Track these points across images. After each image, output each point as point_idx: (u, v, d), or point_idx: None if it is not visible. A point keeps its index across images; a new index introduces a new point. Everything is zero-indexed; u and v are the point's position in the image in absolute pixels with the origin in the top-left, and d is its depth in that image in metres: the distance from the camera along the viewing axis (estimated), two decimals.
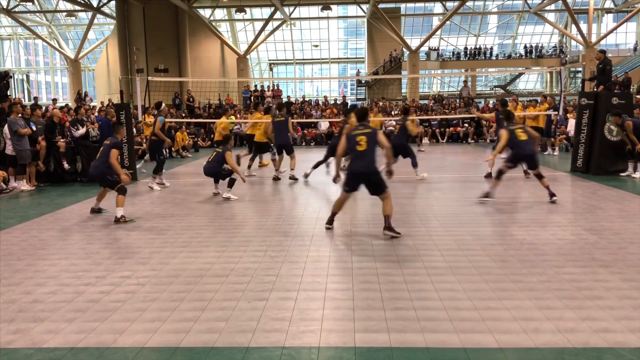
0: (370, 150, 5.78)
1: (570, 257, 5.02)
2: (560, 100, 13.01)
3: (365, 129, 5.90)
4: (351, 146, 5.86)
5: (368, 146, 5.75)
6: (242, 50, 32.92)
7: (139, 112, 13.67)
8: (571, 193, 8.75)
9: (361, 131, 5.86)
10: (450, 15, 31.66)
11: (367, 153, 5.75)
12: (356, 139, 5.80)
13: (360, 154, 5.76)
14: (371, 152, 5.78)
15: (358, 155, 5.78)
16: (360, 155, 5.76)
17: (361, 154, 5.75)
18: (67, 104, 24.15)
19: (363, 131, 5.85)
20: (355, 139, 5.82)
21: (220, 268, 4.86)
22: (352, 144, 5.84)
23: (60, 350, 3.25)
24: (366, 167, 5.76)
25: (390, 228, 5.85)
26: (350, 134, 5.93)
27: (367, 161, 5.76)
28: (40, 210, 7.92)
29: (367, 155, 5.76)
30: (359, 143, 5.76)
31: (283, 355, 3.14)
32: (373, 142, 5.80)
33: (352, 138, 5.85)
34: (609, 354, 3.09)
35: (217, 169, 8.55)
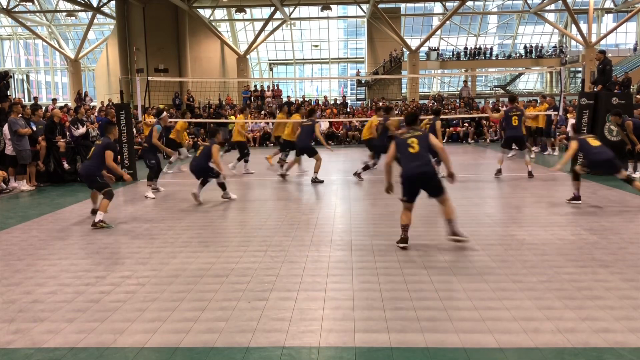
0: (424, 152, 5.47)
1: (570, 257, 5.02)
2: (560, 100, 13.01)
3: (415, 131, 5.63)
4: (402, 150, 5.51)
5: (420, 148, 5.45)
6: (242, 50, 32.92)
7: (139, 112, 13.67)
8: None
9: (412, 134, 5.56)
10: (450, 15, 31.67)
11: (420, 154, 5.44)
12: (407, 142, 5.49)
13: (413, 156, 5.42)
14: (425, 153, 5.47)
15: (411, 157, 5.43)
16: (414, 157, 5.42)
17: (414, 156, 5.42)
18: (66, 103, 24.15)
19: (414, 134, 5.56)
20: (406, 142, 5.51)
21: (220, 268, 4.86)
22: (403, 148, 5.50)
23: (60, 350, 3.25)
24: (422, 168, 5.38)
25: (456, 233, 5.41)
26: (399, 139, 5.60)
27: (422, 162, 5.41)
28: (40, 210, 7.92)
29: (422, 157, 5.43)
30: (411, 146, 5.46)
31: (283, 355, 3.14)
32: (425, 144, 5.50)
33: (402, 142, 5.53)
34: (609, 354, 3.09)
35: (204, 166, 8.21)
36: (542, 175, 10.75)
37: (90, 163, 7.04)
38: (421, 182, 5.46)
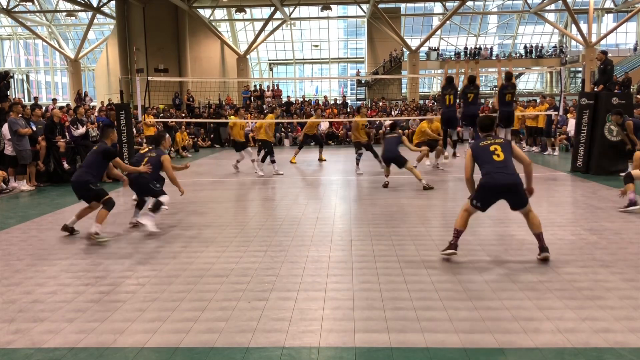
0: (509, 161, 5.04)
1: (570, 257, 5.02)
2: (561, 100, 13.01)
3: (495, 138, 5.20)
4: (485, 158, 5.03)
5: (505, 156, 5.02)
6: (242, 50, 32.92)
7: (139, 112, 13.67)
8: (571, 193, 8.75)
9: (492, 141, 5.13)
10: (450, 15, 31.67)
11: (507, 163, 4.99)
12: (489, 149, 5.05)
13: (499, 165, 4.96)
14: (510, 162, 5.04)
15: (497, 166, 4.96)
16: (500, 166, 4.96)
17: (501, 164, 4.96)
18: (67, 103, 24.15)
19: (495, 141, 5.13)
20: (488, 149, 5.06)
21: (220, 268, 4.86)
22: (485, 156, 5.04)
23: (60, 350, 3.25)
24: (510, 179, 4.93)
25: (546, 248, 4.94)
26: (477, 146, 5.16)
27: (509, 172, 4.95)
28: (40, 210, 7.91)
29: (508, 166, 4.98)
30: (495, 153, 5.01)
31: (283, 355, 3.14)
32: (509, 152, 5.07)
33: (483, 150, 5.09)
34: (609, 354, 3.09)
35: (147, 180, 6.50)
36: (542, 175, 10.75)
37: (83, 171, 6.17)
38: (504, 192, 5.03)
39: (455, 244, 5.03)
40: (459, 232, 5.07)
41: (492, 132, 5.32)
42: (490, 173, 4.98)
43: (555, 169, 11.73)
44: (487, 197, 5.07)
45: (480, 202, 5.08)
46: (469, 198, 5.18)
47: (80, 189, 6.12)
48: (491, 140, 5.14)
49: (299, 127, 21.76)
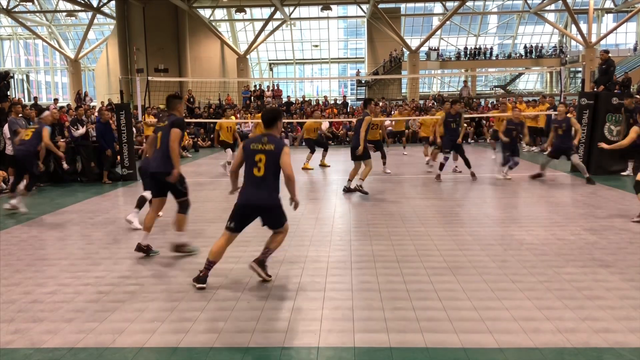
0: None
1: (570, 257, 5.01)
2: (560, 101, 12.99)
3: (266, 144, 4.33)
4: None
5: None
6: (242, 50, 32.92)
7: (139, 112, 13.67)
8: (571, 193, 8.75)
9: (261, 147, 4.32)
10: (450, 15, 31.67)
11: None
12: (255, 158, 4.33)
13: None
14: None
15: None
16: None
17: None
18: (68, 103, 24.14)
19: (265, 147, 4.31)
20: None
21: (220, 268, 4.85)
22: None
23: (59, 351, 3.25)
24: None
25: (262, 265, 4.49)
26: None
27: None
28: (40, 210, 7.91)
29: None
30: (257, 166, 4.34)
31: (282, 355, 3.14)
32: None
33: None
34: (609, 354, 3.09)
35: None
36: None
37: (162, 153, 5.14)
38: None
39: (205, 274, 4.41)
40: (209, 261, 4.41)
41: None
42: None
43: (555, 169, 11.72)
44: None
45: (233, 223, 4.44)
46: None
47: (159, 178, 5.18)
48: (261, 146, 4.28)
49: (298, 127, 21.75)
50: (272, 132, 4.40)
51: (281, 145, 4.32)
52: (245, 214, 4.44)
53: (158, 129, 5.28)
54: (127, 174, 11.18)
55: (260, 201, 4.36)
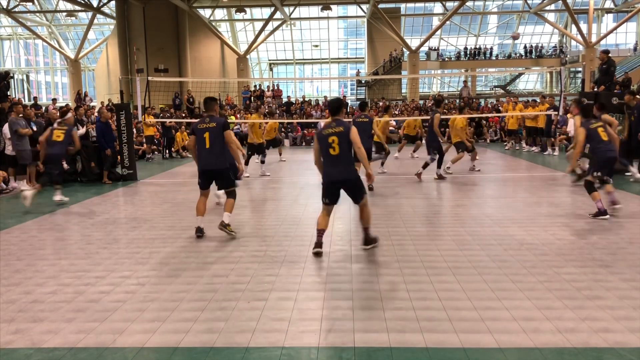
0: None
1: (570, 257, 5.02)
2: (560, 100, 13.01)
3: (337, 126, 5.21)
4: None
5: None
6: (242, 50, 32.92)
7: (139, 112, 13.67)
8: (571, 193, 8.75)
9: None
10: (450, 15, 31.66)
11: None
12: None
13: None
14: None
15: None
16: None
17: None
18: (67, 104, 24.16)
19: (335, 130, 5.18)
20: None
21: (220, 268, 4.86)
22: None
23: (59, 350, 3.25)
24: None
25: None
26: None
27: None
28: (40, 210, 7.91)
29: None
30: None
31: (282, 355, 3.14)
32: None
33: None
34: (609, 354, 3.09)
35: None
36: (542, 175, 10.75)
37: (218, 151, 5.86)
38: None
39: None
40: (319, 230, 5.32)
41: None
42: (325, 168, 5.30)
43: (555, 169, 11.73)
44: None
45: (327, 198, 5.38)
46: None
47: (219, 173, 5.96)
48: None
49: (298, 127, 21.76)
50: (339, 117, 5.27)
51: (348, 126, 5.16)
52: (332, 189, 5.31)
53: (204, 130, 5.88)
54: (127, 174, 11.18)
55: (341, 175, 5.19)
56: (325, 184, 5.31)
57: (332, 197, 5.31)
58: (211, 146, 5.85)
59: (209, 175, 6.04)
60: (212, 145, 5.85)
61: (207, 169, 5.97)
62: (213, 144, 5.85)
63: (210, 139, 5.85)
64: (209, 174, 6.03)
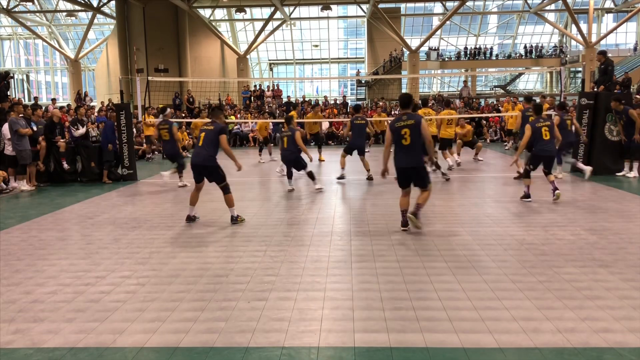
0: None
1: (570, 257, 5.02)
2: (560, 101, 12.99)
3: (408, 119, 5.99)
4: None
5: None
6: (242, 50, 32.91)
7: (139, 112, 13.67)
8: (571, 193, 8.75)
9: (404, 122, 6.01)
10: (450, 15, 31.66)
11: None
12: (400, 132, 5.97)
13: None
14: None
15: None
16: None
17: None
18: (68, 103, 24.16)
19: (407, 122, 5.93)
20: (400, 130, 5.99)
21: (220, 268, 4.86)
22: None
23: (59, 350, 3.25)
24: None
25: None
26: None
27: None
28: (40, 210, 7.91)
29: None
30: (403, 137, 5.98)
31: (282, 355, 3.14)
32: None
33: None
34: (609, 354, 3.09)
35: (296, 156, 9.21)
36: (542, 175, 10.73)
37: (207, 151, 6.50)
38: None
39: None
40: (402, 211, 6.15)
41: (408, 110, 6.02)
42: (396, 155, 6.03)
43: (555, 169, 11.72)
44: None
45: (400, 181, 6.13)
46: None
47: (206, 169, 6.61)
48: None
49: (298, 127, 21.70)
50: (409, 110, 5.94)
51: (419, 120, 5.82)
52: (404, 175, 5.98)
53: (201, 130, 6.69)
54: (127, 174, 11.18)
55: (412, 163, 5.86)
56: (398, 170, 6.00)
57: (405, 182, 6.04)
58: (203, 145, 6.51)
59: (198, 169, 6.63)
60: (204, 144, 6.51)
61: (195, 163, 6.60)
62: (205, 143, 6.52)
63: (204, 139, 6.54)
64: (198, 169, 6.62)
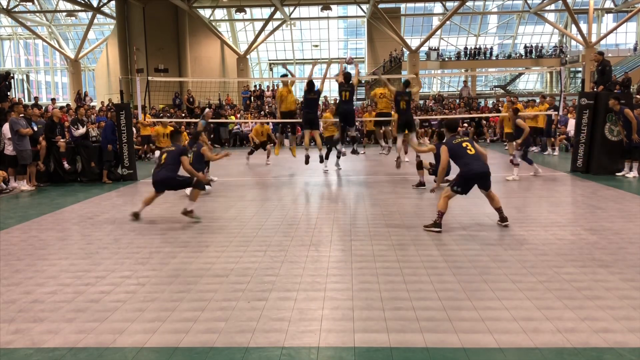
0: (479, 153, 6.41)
1: (570, 257, 5.02)
2: (561, 100, 13.00)
3: (462, 136, 6.59)
4: (460, 153, 6.27)
5: (475, 149, 6.40)
6: (242, 50, 32.91)
7: (138, 112, 13.67)
8: (571, 193, 8.75)
9: (461, 139, 6.41)
10: (450, 15, 31.66)
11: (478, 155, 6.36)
12: (462, 145, 6.33)
13: (474, 156, 6.33)
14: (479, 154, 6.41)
15: (472, 157, 6.32)
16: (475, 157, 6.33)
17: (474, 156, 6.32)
18: (67, 103, 24.16)
19: (463, 138, 6.43)
20: (461, 146, 6.33)
21: (220, 268, 4.86)
22: (460, 151, 6.29)
23: (59, 350, 3.25)
24: (483, 167, 6.32)
25: (505, 218, 6.40)
26: (451, 144, 6.33)
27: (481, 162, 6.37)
28: (40, 210, 7.92)
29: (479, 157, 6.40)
30: (467, 148, 6.29)
31: (282, 355, 3.14)
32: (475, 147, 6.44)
33: (457, 146, 6.34)
34: (609, 354, 3.09)
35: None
36: (542, 175, 10.75)
37: (167, 170, 7.00)
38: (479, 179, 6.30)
39: (440, 223, 6.12)
40: (442, 213, 6.17)
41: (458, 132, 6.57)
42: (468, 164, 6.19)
43: (555, 169, 11.73)
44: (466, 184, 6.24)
45: (461, 188, 6.25)
46: (448, 185, 6.37)
47: (163, 184, 7.08)
48: (460, 139, 6.38)
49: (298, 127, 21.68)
50: (458, 132, 6.71)
51: (470, 139, 6.63)
52: (472, 181, 6.28)
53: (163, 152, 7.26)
54: (127, 174, 11.18)
55: (482, 169, 6.25)
56: (467, 177, 6.20)
57: (467, 189, 6.31)
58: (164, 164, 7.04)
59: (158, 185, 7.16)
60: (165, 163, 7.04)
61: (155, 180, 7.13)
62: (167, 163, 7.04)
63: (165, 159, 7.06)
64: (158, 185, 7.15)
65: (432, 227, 6.09)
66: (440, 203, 6.18)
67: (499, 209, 6.34)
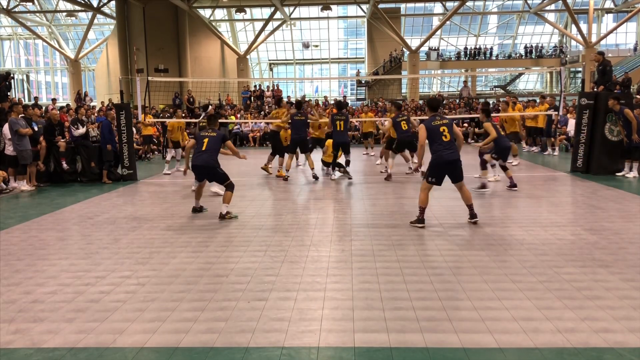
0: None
1: (570, 257, 5.02)
2: (561, 100, 13.01)
3: (442, 119, 6.44)
4: (435, 137, 6.30)
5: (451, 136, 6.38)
6: (242, 50, 32.93)
7: (138, 112, 13.67)
8: (571, 193, 8.75)
9: (440, 122, 6.39)
10: (450, 15, 31.67)
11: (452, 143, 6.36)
12: (439, 130, 6.33)
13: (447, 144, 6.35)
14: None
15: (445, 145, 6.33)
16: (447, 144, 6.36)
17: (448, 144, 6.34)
18: (67, 103, 24.17)
19: (442, 122, 6.38)
20: (438, 129, 6.35)
21: (220, 268, 4.86)
22: (435, 135, 6.29)
23: (59, 350, 3.25)
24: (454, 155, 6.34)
25: (475, 215, 6.49)
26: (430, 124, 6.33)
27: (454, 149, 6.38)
28: (40, 210, 7.92)
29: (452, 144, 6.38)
30: (443, 134, 6.30)
31: (282, 355, 3.14)
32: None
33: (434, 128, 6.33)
34: (609, 354, 3.09)
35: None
36: (542, 175, 10.75)
37: (208, 155, 7.03)
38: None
39: (422, 218, 6.32)
40: (423, 208, 6.34)
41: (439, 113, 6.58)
42: (439, 151, 6.21)
43: (555, 169, 11.73)
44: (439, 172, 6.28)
45: (434, 178, 6.31)
46: (423, 178, 6.46)
47: (206, 171, 7.10)
48: (439, 122, 6.33)
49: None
50: (440, 112, 6.62)
51: (451, 120, 6.49)
52: (443, 169, 6.27)
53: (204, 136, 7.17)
54: (127, 174, 11.18)
55: (453, 156, 6.23)
56: (438, 165, 6.23)
57: (440, 178, 6.31)
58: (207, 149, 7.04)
59: (199, 170, 7.13)
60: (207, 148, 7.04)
61: (195, 164, 7.12)
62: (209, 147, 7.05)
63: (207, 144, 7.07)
64: (198, 169, 7.12)
65: (416, 222, 6.33)
66: (420, 198, 6.34)
67: (470, 206, 6.40)
